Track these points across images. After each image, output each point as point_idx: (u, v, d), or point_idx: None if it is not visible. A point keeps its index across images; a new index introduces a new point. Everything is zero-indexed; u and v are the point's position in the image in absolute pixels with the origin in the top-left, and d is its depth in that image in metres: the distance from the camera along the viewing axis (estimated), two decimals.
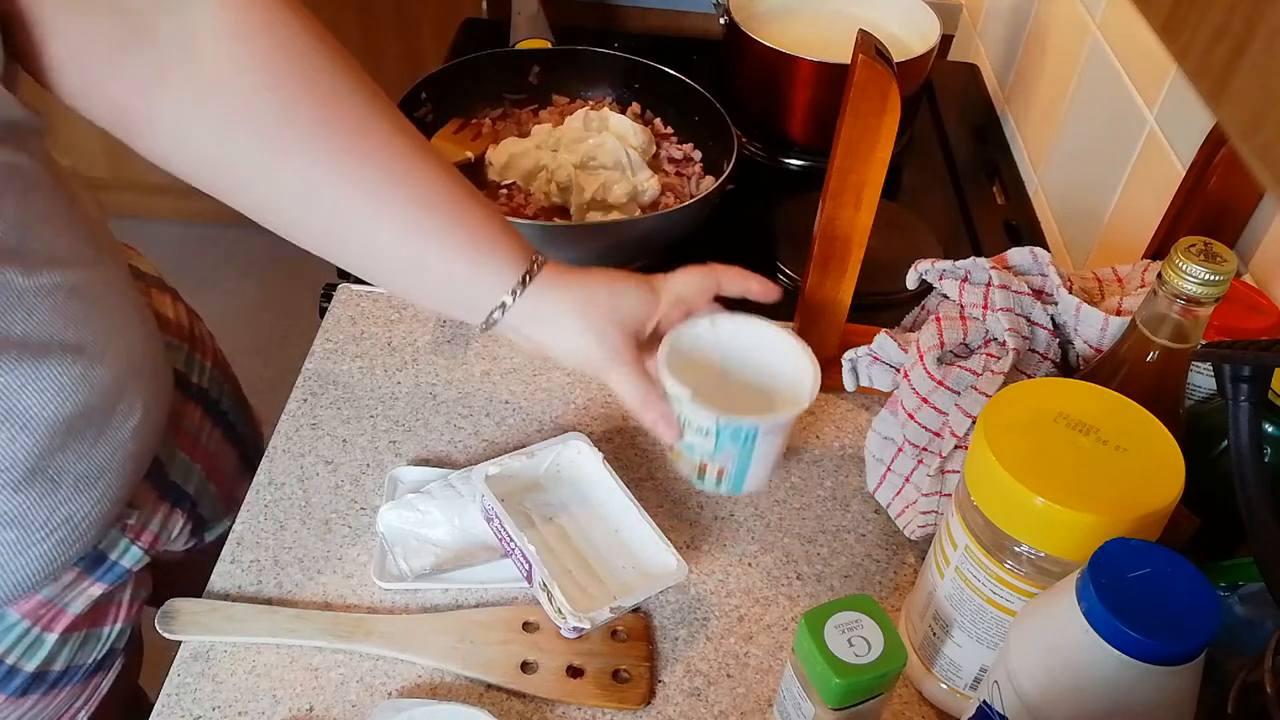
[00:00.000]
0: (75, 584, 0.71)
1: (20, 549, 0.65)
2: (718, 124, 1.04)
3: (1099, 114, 1.02)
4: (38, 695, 0.72)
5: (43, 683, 0.72)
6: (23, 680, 0.71)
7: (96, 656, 0.75)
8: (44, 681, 0.72)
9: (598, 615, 0.65)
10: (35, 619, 0.70)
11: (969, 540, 0.58)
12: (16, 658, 0.70)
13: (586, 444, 0.75)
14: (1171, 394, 0.61)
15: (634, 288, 0.72)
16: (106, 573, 0.73)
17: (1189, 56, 0.28)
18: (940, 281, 0.78)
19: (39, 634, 0.71)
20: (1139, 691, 0.46)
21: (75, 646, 0.73)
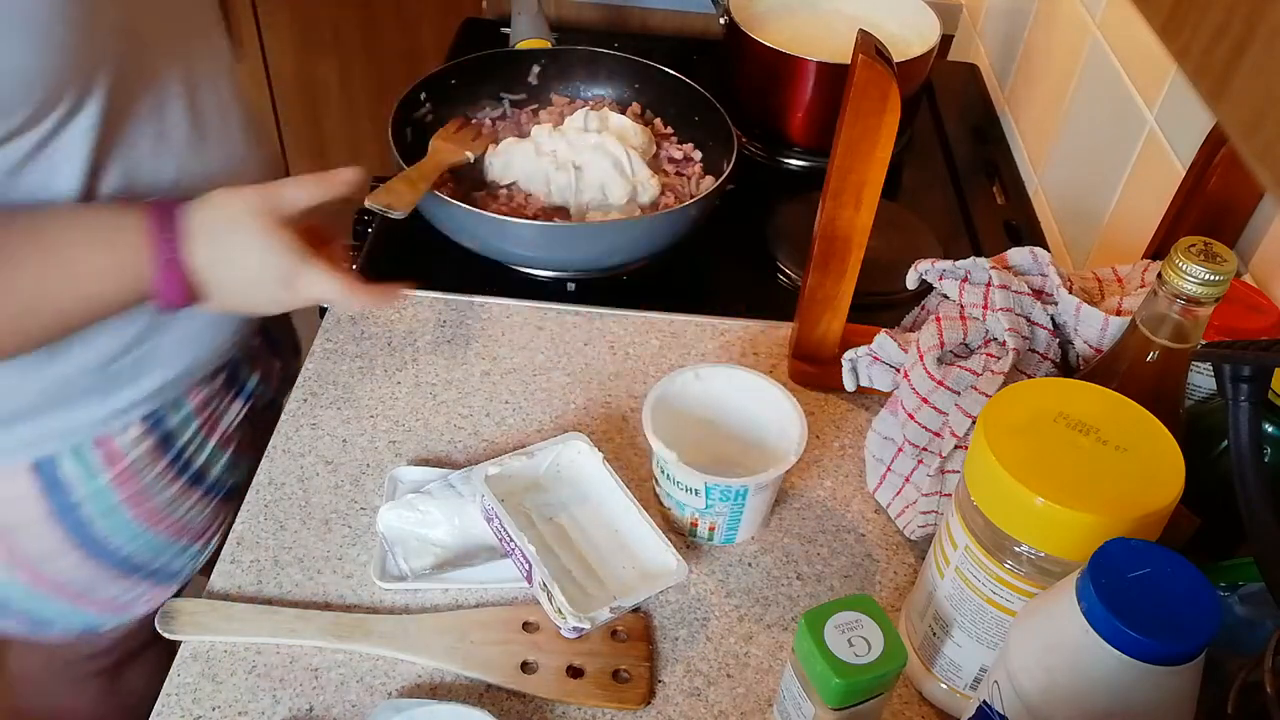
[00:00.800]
0: (224, 395, 0.90)
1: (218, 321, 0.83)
2: (718, 124, 1.04)
3: (1099, 114, 1.02)
4: (199, 493, 0.90)
5: (202, 483, 0.90)
6: (191, 473, 0.88)
7: (232, 483, 0.92)
8: (203, 482, 0.90)
9: (598, 615, 0.65)
10: (201, 419, 0.88)
11: (969, 540, 0.58)
12: (190, 451, 0.88)
13: (586, 444, 0.75)
14: (1171, 394, 0.61)
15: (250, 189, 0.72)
16: (239, 393, 0.92)
17: (1189, 56, 0.28)
18: (940, 281, 0.78)
19: (203, 437, 0.89)
20: (1139, 691, 0.46)
21: (225, 464, 0.92)
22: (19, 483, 0.79)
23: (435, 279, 0.96)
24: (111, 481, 0.82)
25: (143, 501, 0.85)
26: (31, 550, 0.83)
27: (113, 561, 0.86)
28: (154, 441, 0.84)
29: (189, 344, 0.82)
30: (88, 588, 0.87)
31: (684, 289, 0.99)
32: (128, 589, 0.89)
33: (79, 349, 0.76)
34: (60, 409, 0.78)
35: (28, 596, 0.86)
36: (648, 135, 1.05)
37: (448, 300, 0.95)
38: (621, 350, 0.92)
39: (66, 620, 0.89)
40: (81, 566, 0.85)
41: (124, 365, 0.79)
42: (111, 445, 0.81)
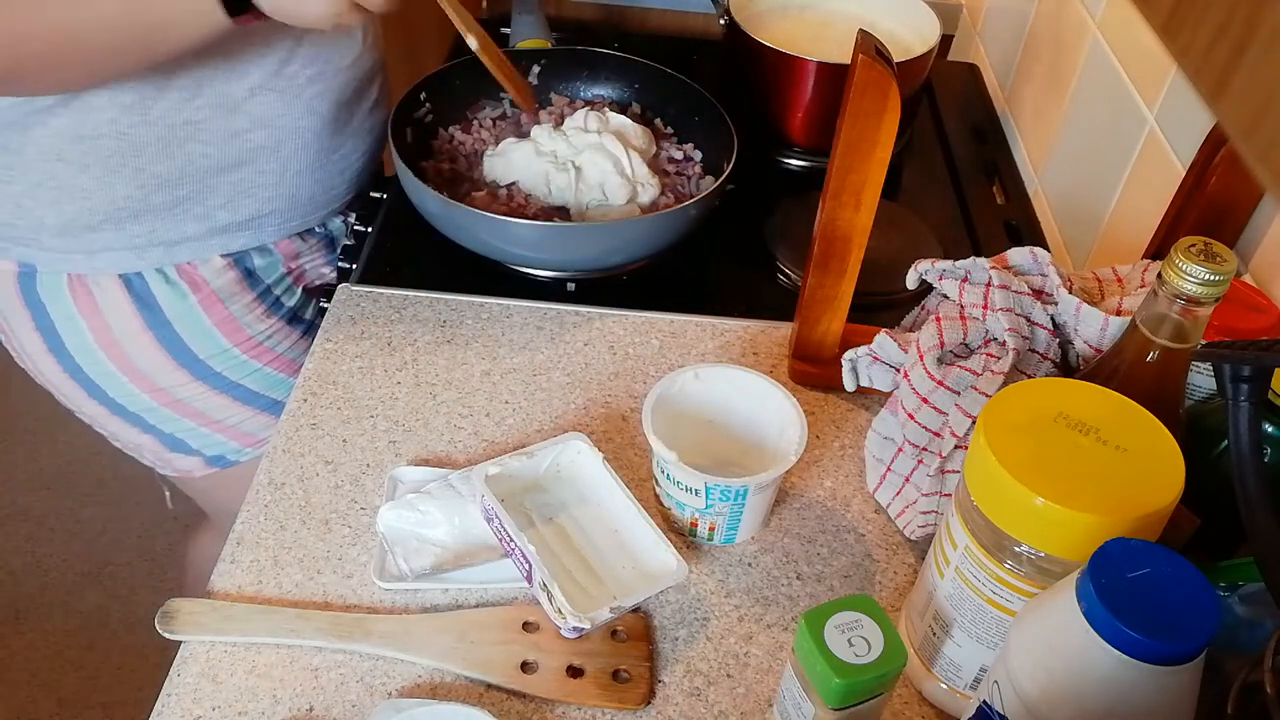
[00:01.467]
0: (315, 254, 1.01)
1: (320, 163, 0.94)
2: (718, 124, 1.04)
3: (1099, 114, 1.02)
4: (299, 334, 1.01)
5: (300, 323, 1.01)
6: (285, 311, 1.00)
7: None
8: (301, 322, 1.01)
9: (598, 615, 0.65)
10: (288, 268, 0.99)
11: (969, 540, 0.58)
12: (279, 291, 0.99)
13: (586, 444, 0.75)
14: (1171, 394, 0.61)
15: None
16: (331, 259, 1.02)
17: (1189, 56, 0.28)
18: (940, 281, 0.78)
19: (290, 283, 1.00)
20: (1139, 691, 0.46)
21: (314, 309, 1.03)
22: (113, 294, 0.89)
23: (435, 279, 0.96)
24: (199, 304, 0.92)
25: (235, 330, 0.95)
26: (143, 364, 0.93)
27: (223, 386, 0.96)
28: (237, 274, 0.93)
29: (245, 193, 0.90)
30: (207, 409, 0.97)
31: (684, 289, 0.99)
32: (250, 417, 1.00)
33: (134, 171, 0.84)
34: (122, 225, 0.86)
35: (152, 411, 0.96)
36: (648, 135, 1.05)
37: (448, 300, 0.95)
38: (621, 350, 0.92)
39: (200, 442, 1.00)
40: (191, 386, 0.95)
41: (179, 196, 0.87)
42: (195, 273, 0.91)
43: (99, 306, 0.90)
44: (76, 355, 0.93)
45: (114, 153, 0.83)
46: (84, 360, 0.93)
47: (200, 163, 0.87)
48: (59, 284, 0.90)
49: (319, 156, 0.95)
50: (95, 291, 0.90)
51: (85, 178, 0.84)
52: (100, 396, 0.96)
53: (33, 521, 1.85)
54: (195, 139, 0.86)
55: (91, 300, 0.90)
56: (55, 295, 0.90)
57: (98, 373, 0.94)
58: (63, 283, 0.89)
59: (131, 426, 0.99)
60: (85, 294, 0.90)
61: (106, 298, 0.90)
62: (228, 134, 0.87)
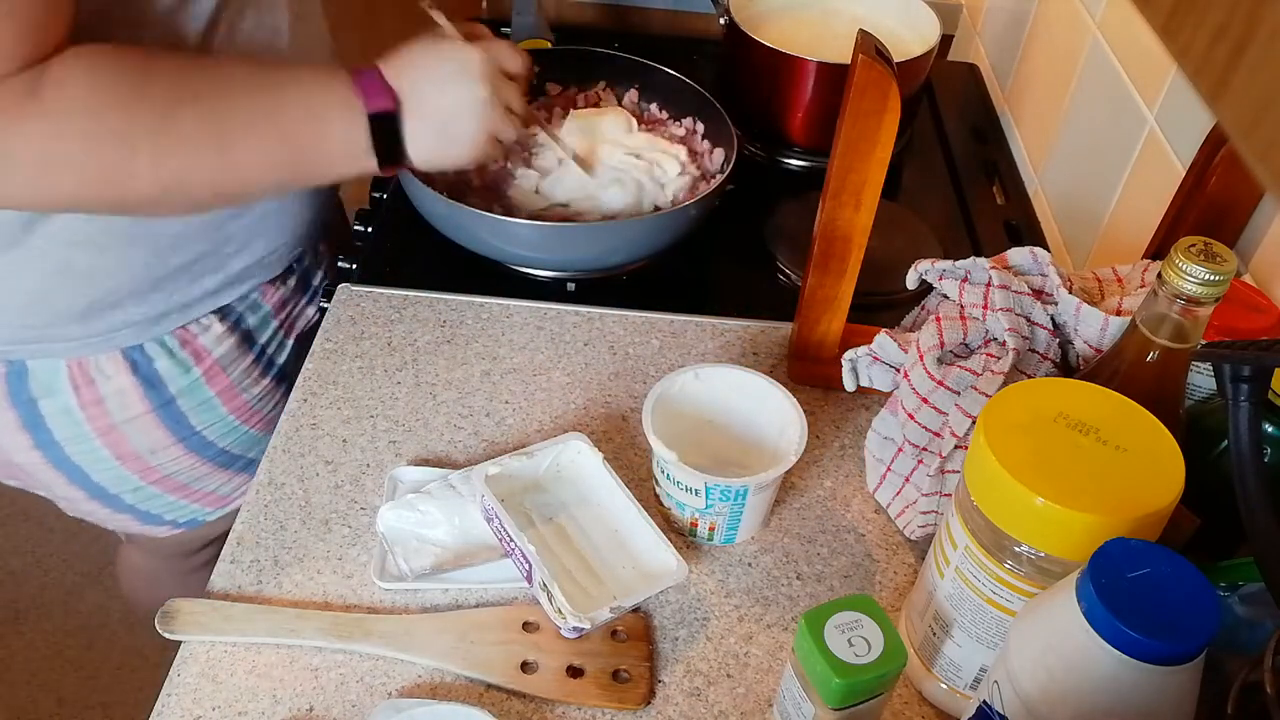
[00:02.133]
0: (298, 298, 0.98)
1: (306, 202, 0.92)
2: (718, 124, 1.04)
3: (1099, 114, 1.02)
4: (284, 392, 0.96)
5: (287, 380, 0.97)
6: (276, 370, 0.98)
7: None
8: (288, 380, 0.96)
9: (598, 615, 0.65)
10: (279, 320, 0.97)
11: (969, 540, 0.58)
12: (271, 349, 0.97)
13: (586, 444, 0.75)
14: (1171, 394, 0.61)
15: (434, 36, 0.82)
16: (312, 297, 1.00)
17: (1189, 56, 0.28)
18: (940, 281, 0.78)
19: (283, 336, 0.98)
20: (1139, 691, 0.46)
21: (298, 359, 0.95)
22: (118, 380, 0.87)
23: (435, 279, 0.96)
24: (202, 376, 0.91)
25: (234, 396, 0.94)
26: (138, 444, 0.91)
27: (211, 454, 0.96)
28: (236, 339, 0.92)
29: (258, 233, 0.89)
30: (191, 480, 0.97)
31: (684, 289, 0.99)
32: (226, 480, 0.99)
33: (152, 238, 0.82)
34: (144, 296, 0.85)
35: (137, 490, 0.95)
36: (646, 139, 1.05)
37: (448, 300, 0.95)
38: (621, 350, 0.92)
39: (174, 513, 0.99)
40: (183, 459, 0.94)
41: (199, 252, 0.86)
42: (197, 343, 0.90)
43: (100, 394, 0.87)
44: (66, 445, 0.89)
45: (129, 224, 0.80)
46: (73, 449, 0.90)
47: (211, 216, 0.85)
48: (55, 378, 0.85)
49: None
50: (98, 379, 0.86)
51: (105, 256, 0.81)
52: (83, 481, 0.93)
53: (33, 521, 1.85)
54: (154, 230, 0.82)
55: (93, 389, 0.87)
56: (50, 389, 0.86)
57: (87, 461, 0.91)
58: (60, 375, 0.85)
59: (107, 507, 0.97)
60: (86, 383, 0.86)
61: (110, 384, 0.87)
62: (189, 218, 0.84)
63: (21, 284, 0.80)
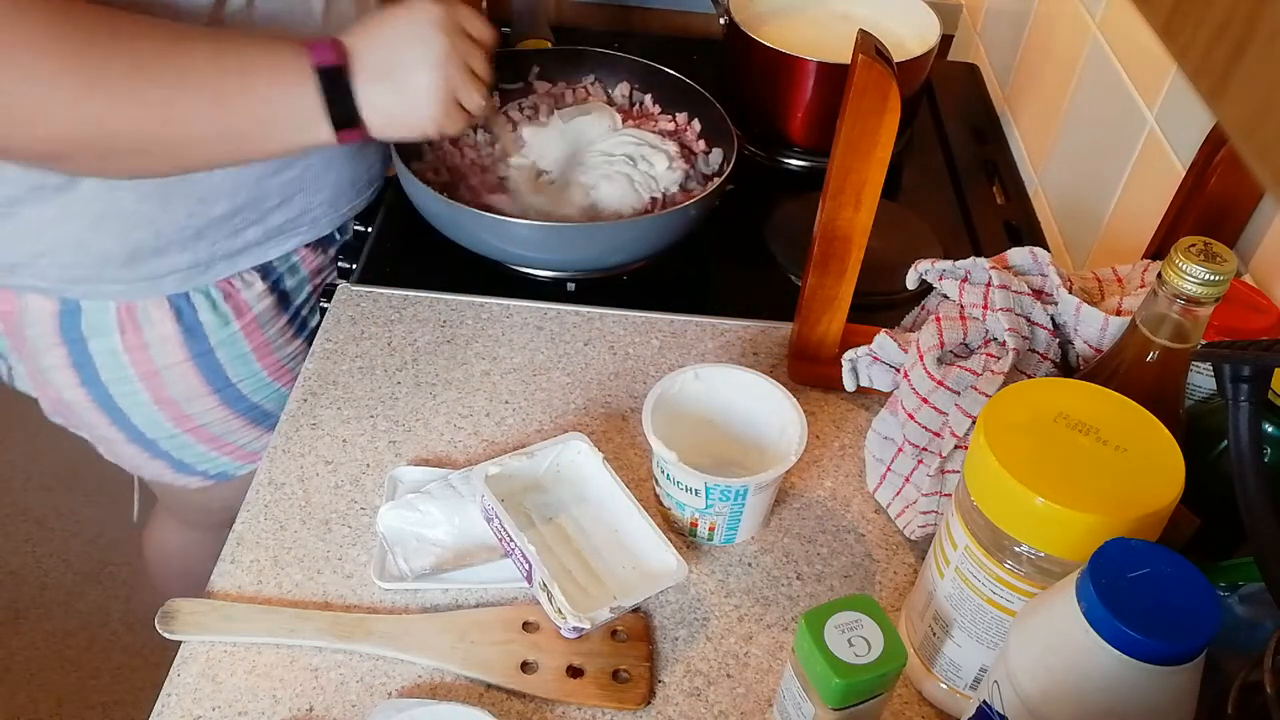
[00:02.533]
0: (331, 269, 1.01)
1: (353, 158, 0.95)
2: (718, 124, 1.04)
3: (1099, 114, 1.02)
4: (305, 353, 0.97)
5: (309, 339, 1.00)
6: (308, 332, 1.01)
7: None
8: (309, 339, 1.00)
9: (598, 615, 0.65)
10: (313, 285, 1.00)
11: (969, 540, 0.58)
12: (305, 312, 1.01)
13: (586, 444, 0.75)
14: (1171, 394, 0.61)
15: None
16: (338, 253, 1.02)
17: (1189, 56, 0.28)
18: (940, 281, 0.78)
19: (315, 301, 1.01)
20: (1139, 691, 0.46)
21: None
22: (163, 327, 0.90)
23: (435, 279, 0.96)
24: (241, 330, 0.94)
25: (268, 353, 0.97)
26: (176, 391, 0.94)
27: (242, 408, 0.99)
28: (275, 299, 0.95)
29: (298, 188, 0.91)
30: (223, 432, 1.00)
31: (684, 289, 0.99)
32: (256, 437, 1.02)
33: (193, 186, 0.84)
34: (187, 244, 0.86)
35: (173, 438, 0.98)
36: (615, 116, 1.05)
37: (448, 300, 0.95)
38: (621, 350, 0.92)
39: (205, 464, 1.02)
40: (216, 410, 0.97)
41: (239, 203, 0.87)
42: (239, 298, 0.92)
43: (145, 340, 0.90)
44: (110, 386, 0.93)
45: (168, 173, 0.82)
46: (117, 390, 0.93)
47: (255, 168, 0.86)
48: (105, 319, 0.89)
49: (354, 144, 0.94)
50: (144, 324, 0.89)
51: (149, 203, 0.83)
52: (123, 423, 0.97)
53: (32, 521, 1.85)
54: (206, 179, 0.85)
55: (139, 334, 0.90)
56: (99, 330, 0.89)
57: (129, 403, 0.95)
58: (110, 318, 0.89)
59: (144, 451, 1.00)
60: (133, 327, 0.89)
61: (154, 330, 0.90)
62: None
63: (70, 226, 0.83)
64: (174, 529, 1.22)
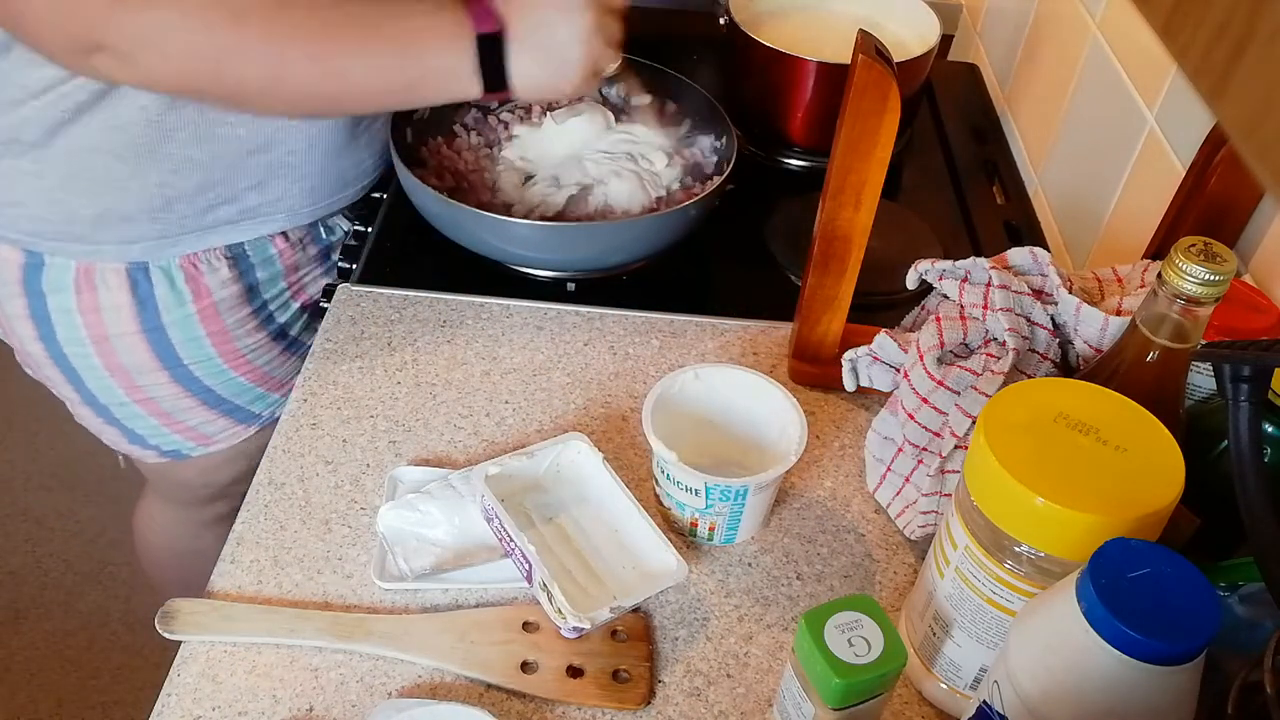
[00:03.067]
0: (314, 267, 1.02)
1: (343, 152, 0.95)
2: (718, 124, 1.04)
3: (1099, 114, 1.02)
4: (281, 349, 1.02)
5: (284, 339, 1.03)
6: (275, 327, 1.02)
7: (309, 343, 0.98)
8: (285, 338, 1.03)
9: (598, 615, 0.65)
10: (289, 281, 1.01)
11: (969, 540, 0.58)
12: (275, 307, 1.01)
13: (586, 444, 0.75)
14: (1171, 394, 0.61)
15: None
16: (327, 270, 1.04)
17: (1189, 56, 0.28)
18: (940, 281, 0.78)
19: (289, 297, 1.02)
20: (1139, 691, 0.46)
21: (303, 326, 1.04)
22: (117, 294, 0.91)
23: (435, 279, 0.96)
24: (197, 314, 0.95)
25: (226, 341, 0.98)
26: (126, 360, 0.96)
27: (195, 390, 1.00)
28: (241, 288, 0.96)
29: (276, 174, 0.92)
30: (174, 409, 1.01)
31: (684, 289, 0.99)
32: (210, 420, 1.02)
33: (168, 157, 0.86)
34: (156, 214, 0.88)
35: (123, 406, 1.00)
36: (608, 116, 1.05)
37: (448, 300, 0.95)
38: (621, 350, 0.92)
39: (157, 438, 1.03)
40: (167, 387, 0.98)
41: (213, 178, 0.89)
42: (201, 280, 0.93)
43: (99, 304, 0.92)
44: (65, 345, 0.95)
45: (147, 140, 0.84)
46: (70, 350, 0.95)
47: (231, 145, 0.88)
48: (64, 277, 0.91)
49: (344, 137, 0.96)
50: (100, 288, 0.91)
51: (121, 167, 0.85)
52: (77, 384, 0.99)
53: (32, 521, 1.85)
54: (225, 121, 0.87)
55: (93, 296, 0.91)
56: (58, 288, 0.91)
57: (81, 365, 0.96)
58: (69, 277, 0.91)
59: (98, 416, 1.02)
60: (89, 289, 0.91)
61: (110, 296, 0.92)
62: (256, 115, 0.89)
63: (42, 182, 0.86)
64: (159, 506, 1.24)
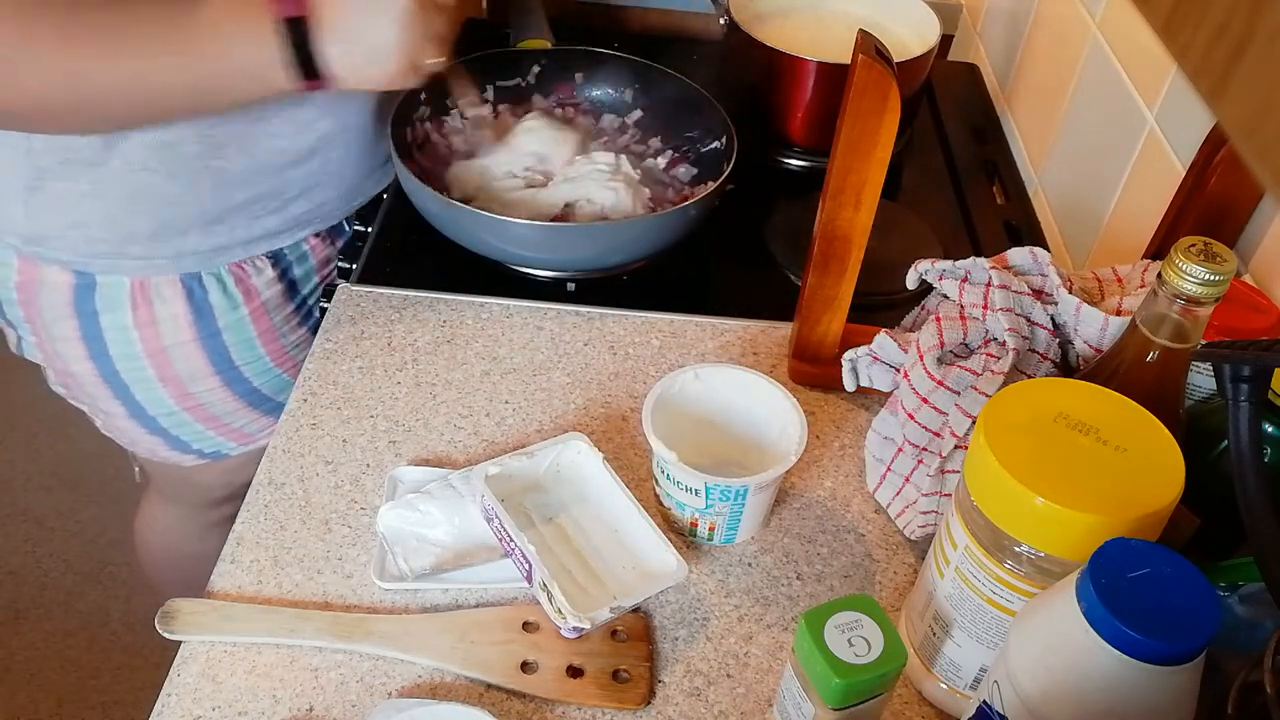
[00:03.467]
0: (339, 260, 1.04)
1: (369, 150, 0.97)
2: (718, 124, 1.04)
3: (1099, 114, 1.02)
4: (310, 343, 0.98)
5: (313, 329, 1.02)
6: (312, 323, 1.04)
7: None
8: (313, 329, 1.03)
9: (598, 615, 0.65)
10: (320, 276, 1.03)
11: (969, 540, 0.58)
12: (311, 302, 1.04)
13: (586, 444, 0.75)
14: (1171, 394, 0.61)
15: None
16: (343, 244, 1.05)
17: (1189, 56, 0.28)
18: (940, 281, 0.78)
19: (320, 293, 1.04)
20: (1139, 691, 0.46)
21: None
22: (173, 305, 0.93)
23: (435, 279, 0.96)
24: (249, 314, 0.96)
25: (273, 339, 1.00)
26: (181, 369, 0.97)
27: (243, 391, 1.01)
28: (283, 287, 0.98)
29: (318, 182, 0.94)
30: (221, 413, 1.02)
31: (684, 289, 0.99)
32: (253, 419, 1.04)
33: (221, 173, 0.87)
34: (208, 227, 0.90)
35: (172, 415, 1.01)
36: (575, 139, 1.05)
37: (448, 300, 0.95)
38: (621, 350, 0.92)
39: (201, 443, 1.04)
40: (218, 391, 1.00)
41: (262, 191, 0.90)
42: (250, 283, 0.95)
43: (155, 316, 0.93)
44: (118, 361, 0.95)
45: (197, 155, 0.85)
46: (124, 366, 0.96)
47: (276, 158, 0.89)
48: (120, 295, 0.91)
49: (373, 136, 0.97)
50: (156, 301, 0.92)
51: (173, 185, 0.86)
52: (125, 398, 0.99)
53: (32, 521, 1.85)
54: (269, 133, 0.87)
55: (149, 310, 0.92)
56: (113, 305, 0.92)
57: (134, 379, 0.97)
58: (124, 293, 0.91)
59: (142, 428, 1.02)
60: (145, 303, 0.92)
61: (166, 308, 0.93)
62: (299, 125, 0.89)
63: (100, 203, 0.86)
64: (162, 508, 1.24)
